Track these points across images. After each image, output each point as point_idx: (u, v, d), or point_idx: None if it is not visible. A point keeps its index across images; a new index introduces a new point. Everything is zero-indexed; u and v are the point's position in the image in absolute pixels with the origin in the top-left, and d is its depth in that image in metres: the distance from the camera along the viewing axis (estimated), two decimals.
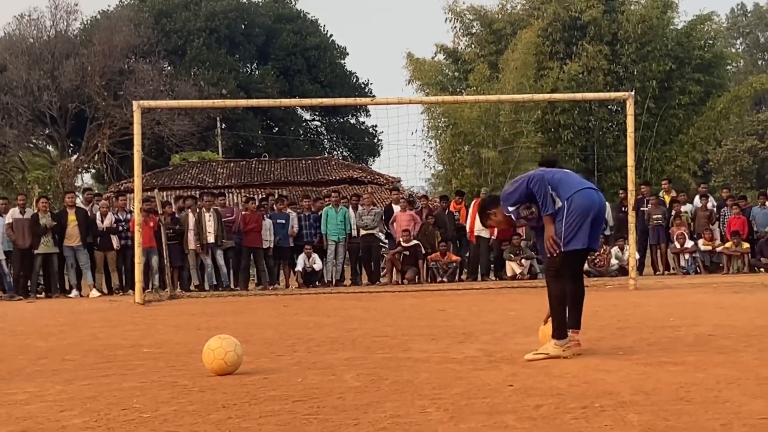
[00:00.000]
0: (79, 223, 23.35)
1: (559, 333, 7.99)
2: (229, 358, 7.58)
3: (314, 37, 69.20)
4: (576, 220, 7.97)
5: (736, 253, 25.81)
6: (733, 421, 5.11)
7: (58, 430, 5.49)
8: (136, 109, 19.81)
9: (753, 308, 13.26)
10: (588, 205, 8.01)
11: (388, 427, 5.25)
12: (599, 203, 8.15)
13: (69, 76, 53.02)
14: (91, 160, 57.38)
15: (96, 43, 54.56)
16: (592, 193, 8.15)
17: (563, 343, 7.94)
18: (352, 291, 22.76)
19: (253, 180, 49.15)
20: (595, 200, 8.10)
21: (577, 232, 7.98)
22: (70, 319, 15.24)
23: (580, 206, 7.99)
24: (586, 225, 7.99)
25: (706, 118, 42.56)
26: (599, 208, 8.13)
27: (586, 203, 8.01)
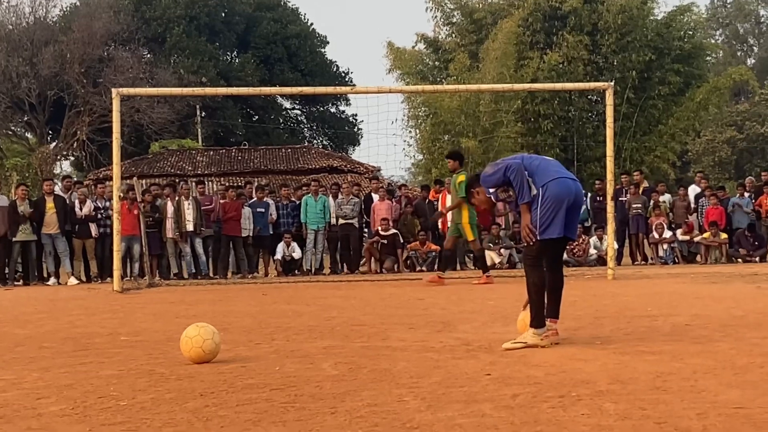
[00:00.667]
0: (58, 211, 23.25)
1: (537, 322, 7.97)
2: (207, 347, 7.57)
3: (295, 25, 69.15)
4: (550, 208, 7.94)
5: (714, 243, 25.89)
6: (709, 410, 5.13)
7: (35, 417, 5.48)
8: (115, 97, 19.73)
9: (730, 298, 13.30)
10: (563, 193, 7.98)
11: (365, 415, 5.25)
12: (575, 192, 8.10)
13: (48, 63, 52.80)
14: (70, 148, 57.20)
15: (75, 30, 54.34)
16: (568, 181, 8.10)
17: (541, 332, 7.91)
18: (331, 280, 22.76)
19: (233, 168, 49.09)
20: (570, 189, 8.05)
21: (552, 220, 7.94)
22: (47, 307, 15.19)
23: (554, 194, 7.96)
24: (561, 213, 7.96)
25: (685, 109, 42.69)
26: (575, 196, 8.08)
27: (561, 191, 7.98)
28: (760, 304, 12.22)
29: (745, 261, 25.32)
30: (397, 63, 44.81)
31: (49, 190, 23.88)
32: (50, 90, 53.99)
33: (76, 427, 5.16)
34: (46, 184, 24.56)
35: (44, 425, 5.25)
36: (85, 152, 53.97)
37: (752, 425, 4.75)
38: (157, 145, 54.27)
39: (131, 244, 23.33)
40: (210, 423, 5.16)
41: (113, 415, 5.46)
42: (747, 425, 4.76)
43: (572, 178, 8.22)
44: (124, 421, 5.29)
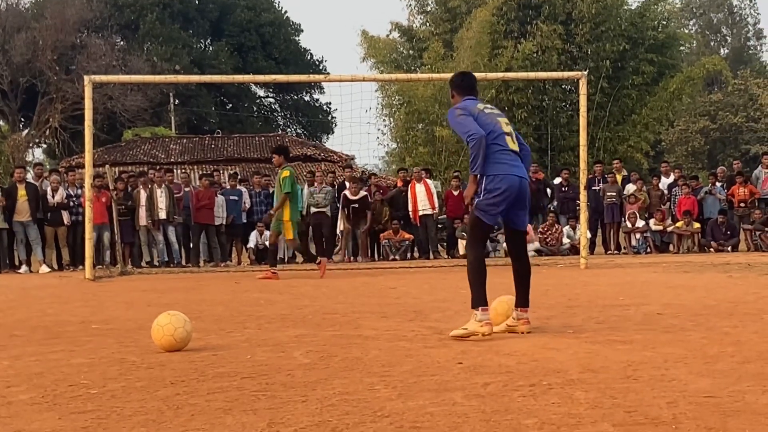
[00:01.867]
0: (29, 199, 23.19)
1: (474, 302, 8.02)
2: (178, 335, 7.56)
3: (268, 13, 69.11)
4: (491, 197, 8.05)
5: (687, 233, 26.01)
6: (679, 399, 5.14)
7: (4, 405, 5.45)
8: (87, 84, 19.66)
9: (701, 288, 13.36)
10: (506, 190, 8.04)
11: (336, 404, 5.25)
12: (518, 188, 8.11)
13: (20, 50, 52.58)
14: (43, 135, 57.01)
15: (48, 16, 54.15)
16: (513, 179, 8.08)
17: (482, 319, 7.87)
18: (303, 268, 22.75)
19: (206, 156, 49.03)
20: (514, 186, 8.08)
21: (491, 207, 8.08)
22: (19, 295, 15.16)
23: (498, 188, 8.04)
24: (501, 206, 8.08)
25: (658, 99, 42.82)
26: (518, 192, 8.11)
27: (505, 188, 8.03)
28: (732, 293, 12.28)
29: (717, 250, 25.43)
30: (371, 51, 44.80)
31: (21, 178, 23.79)
32: (22, 77, 53.79)
33: (46, 415, 5.14)
34: (18, 172, 24.46)
35: (14, 413, 5.22)
36: (58, 140, 53.84)
37: (722, 414, 4.77)
38: (130, 133, 54.17)
39: (101, 232, 23.27)
40: (181, 411, 5.15)
41: (83, 404, 5.44)
42: (717, 414, 4.77)
43: (519, 176, 8.16)
44: (95, 409, 5.27)
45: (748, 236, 26.21)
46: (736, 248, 25.82)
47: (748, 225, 26.12)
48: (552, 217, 26.04)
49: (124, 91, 52.20)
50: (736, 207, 26.53)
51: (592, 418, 4.74)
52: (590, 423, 4.63)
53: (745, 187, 26.65)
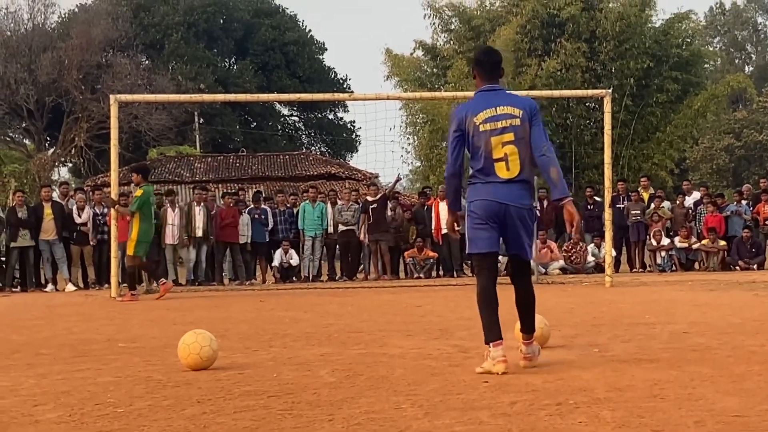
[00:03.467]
0: (55, 217, 23.27)
1: (485, 337, 7.24)
2: (205, 353, 7.58)
3: (293, 32, 69.29)
4: (473, 222, 7.42)
5: (713, 250, 25.90)
6: (706, 418, 5.13)
7: (32, 424, 5.47)
8: (113, 103, 19.76)
9: (727, 306, 13.31)
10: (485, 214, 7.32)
11: (362, 422, 5.25)
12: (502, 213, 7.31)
13: (46, 69, 52.83)
14: (68, 154, 57.24)
15: (74, 36, 54.41)
16: (492, 204, 7.30)
17: (495, 356, 7.04)
18: (328, 286, 22.76)
19: (231, 175, 49.13)
20: (493, 210, 7.31)
21: (477, 235, 7.39)
22: (45, 313, 15.19)
23: (477, 212, 7.38)
24: (485, 230, 7.35)
25: (683, 116, 42.70)
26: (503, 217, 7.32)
27: (485, 212, 7.32)
28: (758, 311, 12.23)
29: (743, 269, 25.31)
30: (395, 70, 44.85)
31: (48, 197, 23.90)
32: (48, 96, 54.02)
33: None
34: (45, 191, 24.58)
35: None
36: (83, 158, 54.02)
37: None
38: (155, 152, 54.35)
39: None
40: (207, 430, 5.16)
41: (110, 422, 5.45)
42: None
43: (501, 201, 7.31)
44: (121, 428, 5.29)
45: None
46: (762, 266, 25.69)
47: None
48: (577, 235, 25.97)
49: (149, 110, 52.36)
50: (761, 225, 26.43)
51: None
52: None
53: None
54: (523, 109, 7.40)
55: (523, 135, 7.32)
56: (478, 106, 7.43)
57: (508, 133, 7.30)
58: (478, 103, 7.48)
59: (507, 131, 7.30)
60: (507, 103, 7.43)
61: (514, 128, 7.31)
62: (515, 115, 7.34)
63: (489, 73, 7.62)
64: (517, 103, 7.46)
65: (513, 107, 7.39)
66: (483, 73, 7.64)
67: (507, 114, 7.35)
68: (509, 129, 7.30)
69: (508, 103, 7.44)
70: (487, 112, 7.35)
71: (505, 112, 7.36)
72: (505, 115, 7.34)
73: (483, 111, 7.37)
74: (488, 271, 7.46)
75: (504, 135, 7.29)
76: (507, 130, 7.30)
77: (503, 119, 7.33)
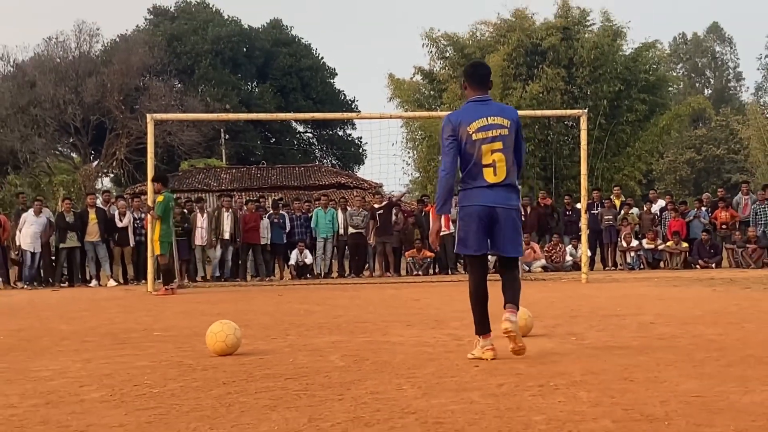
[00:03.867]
0: (99, 221, 23.37)
1: (476, 328, 7.16)
2: (230, 341, 7.59)
3: (307, 59, 69.28)
4: (465, 225, 7.19)
5: (676, 251, 25.90)
6: (670, 398, 5.13)
7: (78, 403, 5.48)
8: (149, 121, 19.81)
9: (689, 300, 13.30)
10: (474, 215, 7.11)
11: (368, 401, 5.25)
12: (488, 215, 7.10)
13: (91, 91, 52.82)
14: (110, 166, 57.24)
15: (115, 62, 54.39)
16: (478, 208, 7.13)
17: (484, 345, 7.03)
18: (338, 282, 22.76)
19: (253, 184, 49.08)
20: (482, 214, 7.11)
21: (466, 237, 7.17)
22: (89, 306, 15.21)
23: (467, 214, 7.18)
24: (475, 233, 7.11)
25: (650, 133, 42.58)
26: (488, 219, 7.11)
27: (473, 213, 7.11)
28: (716, 305, 12.22)
29: (703, 267, 25.28)
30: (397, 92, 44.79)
31: (92, 203, 23.94)
32: (93, 115, 54.04)
33: (114, 411, 5.17)
34: (90, 198, 24.63)
35: (86, 410, 5.25)
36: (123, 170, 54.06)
37: (709, 411, 4.75)
38: (186, 164, 54.38)
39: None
40: (232, 408, 5.17)
41: (147, 401, 5.46)
42: (704, 411, 4.75)
43: (488, 205, 7.12)
44: (156, 406, 5.29)
45: (729, 254, 26.08)
46: (719, 265, 25.65)
47: (729, 244, 26.02)
48: (556, 237, 26.05)
49: (181, 128, 52.34)
50: (718, 229, 26.47)
51: (593, 415, 4.72)
52: (592, 419, 4.61)
53: (726, 211, 26.64)
54: (511, 119, 7.27)
55: (509, 144, 7.20)
56: (470, 116, 7.24)
57: (497, 141, 7.14)
58: (470, 112, 7.29)
59: (497, 140, 7.15)
60: (497, 114, 7.26)
61: (503, 138, 7.16)
62: (504, 125, 7.20)
63: (478, 84, 7.43)
64: (505, 114, 7.31)
65: (502, 118, 7.23)
66: (473, 84, 7.45)
67: (497, 124, 7.18)
68: (499, 138, 7.15)
69: (497, 113, 7.27)
70: (479, 122, 7.17)
71: (495, 122, 7.19)
72: (495, 125, 7.18)
73: (476, 120, 7.18)
74: (479, 269, 7.24)
75: (494, 143, 7.14)
76: (497, 139, 7.15)
77: (494, 129, 7.17)
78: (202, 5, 69.07)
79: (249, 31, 69.06)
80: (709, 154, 64.02)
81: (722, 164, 63.91)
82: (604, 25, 43.11)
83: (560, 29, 42.15)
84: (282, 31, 71.13)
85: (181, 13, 67.73)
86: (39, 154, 53.72)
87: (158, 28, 64.54)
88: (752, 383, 5.62)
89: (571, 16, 43.43)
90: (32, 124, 52.94)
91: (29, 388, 6.12)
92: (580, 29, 43.39)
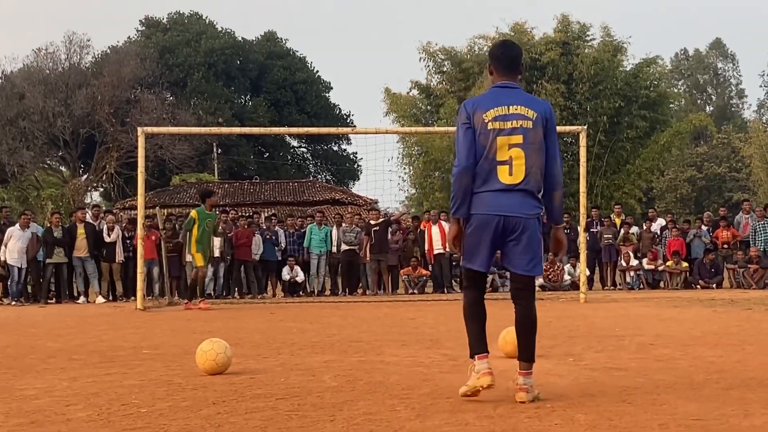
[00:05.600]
0: (87, 236, 23.38)
1: (471, 349, 6.23)
2: (220, 360, 7.58)
3: (302, 72, 69.41)
4: (472, 238, 6.16)
5: (676, 271, 25.94)
6: (669, 421, 5.12)
7: (64, 422, 5.46)
8: (140, 135, 19.81)
9: (689, 321, 13.30)
10: (482, 227, 6.08)
11: (361, 423, 5.24)
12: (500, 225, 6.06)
13: (81, 104, 52.92)
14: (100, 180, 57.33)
15: (106, 74, 54.51)
16: (487, 218, 6.06)
17: (479, 369, 6.02)
18: (331, 300, 22.74)
19: (246, 200, 49.13)
20: (490, 224, 6.06)
21: (475, 250, 6.15)
22: (77, 323, 15.18)
23: (476, 226, 6.11)
24: (484, 246, 6.09)
25: (650, 151, 42.66)
26: (495, 229, 6.06)
27: (481, 224, 6.06)
28: (716, 326, 12.22)
29: (703, 287, 25.31)
30: (393, 107, 44.86)
31: (81, 218, 23.94)
32: (82, 128, 54.13)
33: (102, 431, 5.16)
34: (79, 213, 24.63)
35: (72, 429, 5.23)
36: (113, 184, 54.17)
37: None
38: (177, 179, 54.43)
39: (151, 267, 23.40)
40: (221, 429, 5.15)
41: (134, 421, 5.45)
42: None
43: (498, 213, 6.06)
44: (144, 426, 5.28)
45: (731, 275, 26.13)
46: (720, 285, 25.71)
47: (731, 264, 26.07)
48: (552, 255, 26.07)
49: (173, 141, 52.42)
50: (720, 248, 26.52)
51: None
52: None
53: (728, 231, 26.70)
54: (538, 112, 6.14)
55: (533, 140, 6.06)
56: (488, 102, 6.15)
57: (517, 134, 6.04)
58: (490, 99, 6.20)
59: (516, 132, 6.04)
60: (521, 103, 6.14)
61: (524, 130, 6.05)
62: (528, 117, 6.09)
63: (506, 69, 6.31)
64: (532, 105, 6.18)
65: (527, 108, 6.11)
66: (500, 69, 6.34)
67: (519, 114, 6.08)
68: (519, 130, 6.04)
69: (522, 102, 6.15)
70: (498, 110, 6.07)
71: (517, 112, 6.08)
72: (516, 115, 6.07)
73: (494, 108, 6.09)
74: (477, 286, 6.33)
75: (512, 136, 6.03)
76: (516, 131, 6.04)
77: (514, 119, 6.06)
78: (195, 17, 69.24)
79: (243, 43, 69.20)
80: (710, 172, 64.17)
81: (724, 183, 64.05)
82: (604, 41, 43.22)
83: (560, 44, 42.28)
84: (276, 43, 71.28)
85: (174, 24, 67.87)
86: (27, 167, 53.74)
87: (150, 40, 64.68)
88: (753, 406, 5.62)
89: (571, 30, 43.56)
90: (20, 137, 53.02)
91: (14, 407, 6.10)
92: (580, 44, 43.52)
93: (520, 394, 5.89)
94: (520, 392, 5.90)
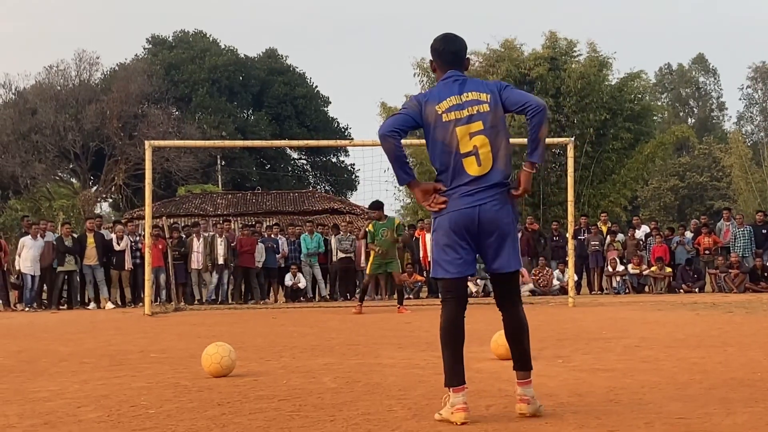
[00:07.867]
0: (97, 245, 23.37)
1: (445, 379, 5.51)
2: (224, 363, 7.57)
3: (302, 87, 69.40)
4: (439, 240, 5.52)
5: (660, 276, 25.95)
6: (654, 420, 5.12)
7: (76, 423, 5.46)
8: (147, 148, 19.78)
9: (673, 323, 13.30)
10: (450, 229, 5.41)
11: (360, 422, 5.24)
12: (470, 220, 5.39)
13: (91, 118, 52.92)
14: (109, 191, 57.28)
15: (114, 90, 54.52)
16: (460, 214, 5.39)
17: (454, 402, 5.29)
18: (330, 306, 22.72)
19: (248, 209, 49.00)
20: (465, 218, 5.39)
21: (446, 257, 5.46)
22: (87, 328, 15.17)
23: (440, 229, 5.51)
24: (453, 251, 5.40)
25: (635, 161, 42.70)
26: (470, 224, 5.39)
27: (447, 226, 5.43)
28: (699, 328, 12.22)
29: (686, 292, 25.31)
30: None
31: (91, 228, 23.94)
32: (92, 142, 54.14)
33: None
34: (89, 222, 24.64)
35: (83, 430, 5.23)
36: (122, 195, 54.11)
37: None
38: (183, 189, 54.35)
39: (158, 274, 23.39)
40: (226, 429, 5.15)
41: (143, 422, 5.45)
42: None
43: (471, 206, 5.38)
44: (153, 426, 5.28)
45: (712, 279, 26.13)
46: (702, 290, 25.71)
47: (712, 269, 26.08)
48: (543, 261, 26.10)
49: (179, 154, 52.41)
50: (701, 254, 26.55)
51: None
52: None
53: (709, 237, 26.74)
54: (490, 92, 5.52)
55: (494, 123, 5.46)
56: (440, 94, 5.49)
57: (475, 121, 5.42)
58: (440, 90, 5.52)
59: (474, 119, 5.42)
60: (472, 89, 5.50)
61: (482, 115, 5.43)
62: (482, 101, 5.46)
63: (449, 65, 5.62)
64: (482, 88, 5.54)
65: (479, 92, 5.48)
66: (443, 65, 5.65)
67: (473, 100, 5.45)
68: (476, 117, 5.42)
69: (473, 88, 5.51)
70: (451, 100, 5.44)
71: (470, 99, 5.45)
72: (471, 102, 5.45)
73: (446, 99, 5.45)
74: (455, 300, 5.56)
75: (471, 124, 5.41)
76: (474, 118, 5.41)
77: (469, 106, 5.43)
78: (199, 35, 69.21)
79: (245, 60, 69.18)
80: (692, 182, 64.21)
81: (705, 191, 64.10)
82: (590, 56, 43.27)
83: (548, 59, 42.32)
84: (277, 60, 71.25)
85: (179, 42, 67.84)
86: (39, 179, 53.74)
87: (157, 57, 64.63)
88: (734, 405, 5.62)
89: (559, 46, 43.63)
90: (33, 150, 53.00)
91: (28, 408, 6.10)
92: (567, 59, 43.53)
93: (521, 406, 5.40)
94: (521, 404, 5.41)
